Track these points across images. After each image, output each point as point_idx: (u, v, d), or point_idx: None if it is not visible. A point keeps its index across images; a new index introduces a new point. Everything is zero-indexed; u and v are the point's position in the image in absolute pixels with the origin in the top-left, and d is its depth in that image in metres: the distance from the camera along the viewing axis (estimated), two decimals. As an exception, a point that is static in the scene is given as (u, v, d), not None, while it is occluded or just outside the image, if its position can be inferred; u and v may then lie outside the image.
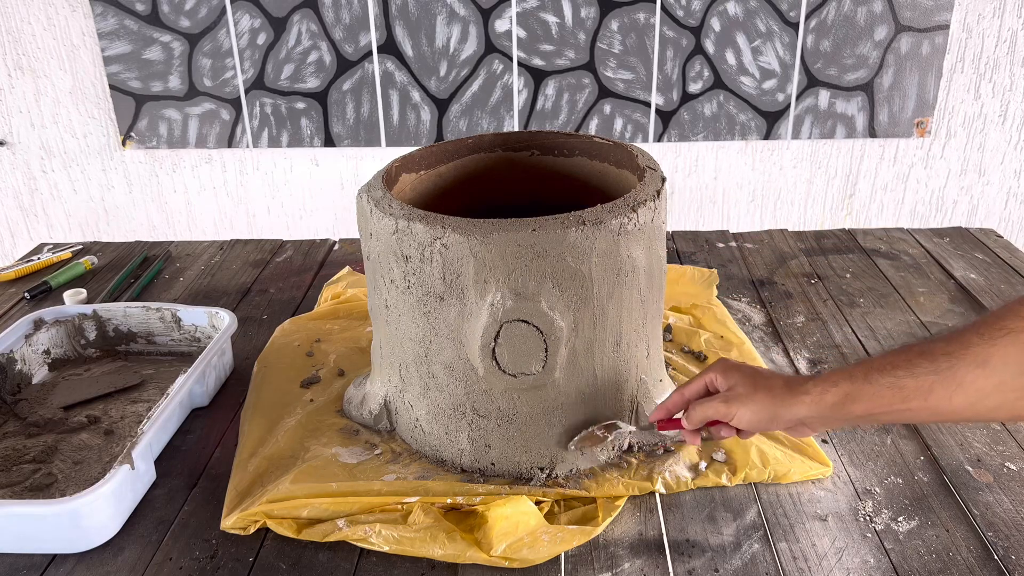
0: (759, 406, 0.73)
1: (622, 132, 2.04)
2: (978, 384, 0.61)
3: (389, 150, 2.06)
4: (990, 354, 0.60)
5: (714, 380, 0.78)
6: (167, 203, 2.16)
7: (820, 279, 1.34)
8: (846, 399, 0.68)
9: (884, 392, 0.65)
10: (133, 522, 0.84)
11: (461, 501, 0.84)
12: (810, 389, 0.70)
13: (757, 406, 0.73)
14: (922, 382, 0.63)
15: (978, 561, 0.77)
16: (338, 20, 1.93)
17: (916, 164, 2.09)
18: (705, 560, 0.78)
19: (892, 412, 0.66)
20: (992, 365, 0.60)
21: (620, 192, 0.96)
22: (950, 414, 0.64)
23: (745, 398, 0.74)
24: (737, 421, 0.75)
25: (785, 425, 0.74)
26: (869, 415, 0.67)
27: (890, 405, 0.65)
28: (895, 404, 0.65)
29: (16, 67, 2.00)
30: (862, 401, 0.67)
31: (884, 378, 0.65)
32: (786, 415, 0.72)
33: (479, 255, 0.78)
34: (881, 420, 0.69)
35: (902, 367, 0.65)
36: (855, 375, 0.68)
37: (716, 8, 1.91)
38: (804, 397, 0.70)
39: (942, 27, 1.92)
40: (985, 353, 0.60)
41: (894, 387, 0.65)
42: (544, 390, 0.84)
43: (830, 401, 0.69)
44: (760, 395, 0.73)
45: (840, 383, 0.68)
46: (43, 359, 1.10)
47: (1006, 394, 0.60)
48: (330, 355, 1.12)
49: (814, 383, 0.70)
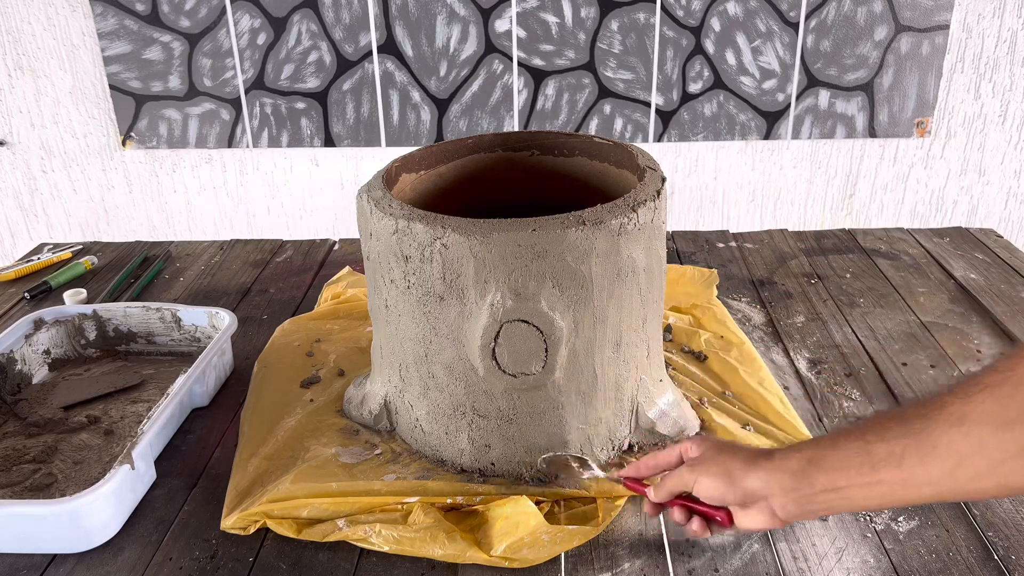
0: (718, 469, 0.68)
1: (622, 132, 2.04)
2: (956, 446, 0.54)
3: (389, 150, 2.06)
4: (966, 412, 0.54)
5: (688, 449, 0.74)
6: (167, 203, 2.16)
7: (820, 279, 1.34)
8: (809, 465, 0.61)
9: (852, 458, 0.59)
10: (133, 522, 0.84)
11: (461, 501, 0.84)
12: (773, 456, 0.65)
13: (716, 469, 0.68)
14: (893, 446, 0.57)
15: (978, 561, 0.77)
16: (338, 20, 1.93)
17: (916, 164, 2.09)
18: (705, 560, 0.78)
19: (863, 485, 0.59)
20: (969, 423, 0.54)
21: (620, 192, 0.96)
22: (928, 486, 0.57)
23: (709, 463, 0.69)
24: (697, 488, 0.70)
25: (742, 495, 0.66)
26: (835, 488, 0.60)
27: (859, 475, 0.59)
28: (863, 475, 0.58)
29: (16, 67, 2.00)
30: (826, 469, 0.61)
31: (852, 443, 0.60)
32: (743, 483, 0.65)
33: (479, 255, 0.78)
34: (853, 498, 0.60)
35: (872, 431, 0.59)
36: (821, 441, 0.63)
37: (716, 8, 1.91)
38: (764, 462, 0.65)
39: (942, 27, 1.92)
40: (960, 411, 0.54)
41: (862, 452, 0.59)
42: (544, 390, 0.84)
43: (791, 467, 0.62)
44: (723, 458, 0.68)
45: (805, 448, 0.63)
46: (43, 359, 1.10)
47: (988, 456, 0.53)
48: (330, 355, 1.12)
49: (779, 450, 0.65)
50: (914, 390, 1.02)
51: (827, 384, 1.05)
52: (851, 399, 1.02)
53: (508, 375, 0.82)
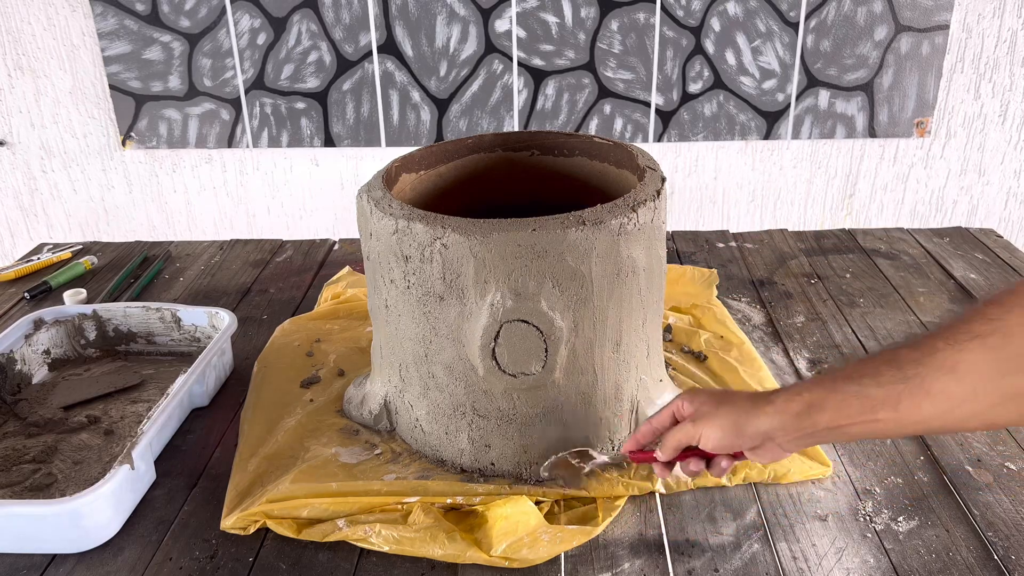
0: (724, 420, 0.70)
1: (622, 132, 2.04)
2: (948, 391, 0.58)
3: (389, 150, 2.06)
4: (958, 360, 0.57)
5: (681, 407, 0.76)
6: (167, 203, 2.16)
7: (820, 279, 1.34)
8: (810, 408, 0.65)
9: (851, 400, 0.62)
10: (133, 522, 0.84)
11: (461, 501, 0.84)
12: (774, 399, 0.68)
13: (721, 420, 0.71)
14: (890, 391, 0.60)
15: (978, 561, 0.77)
16: (338, 20, 1.93)
17: (916, 164, 2.09)
18: (705, 560, 0.78)
19: (861, 423, 0.63)
20: (961, 371, 0.57)
21: (620, 192, 0.96)
22: (922, 425, 0.61)
23: (710, 415, 0.71)
24: (704, 441, 0.72)
25: (751, 441, 0.70)
26: (836, 426, 0.64)
27: (858, 415, 0.62)
28: (863, 415, 0.62)
29: (16, 67, 2.00)
30: (827, 410, 0.64)
31: (850, 386, 0.63)
32: (749, 428, 0.69)
33: (479, 255, 0.78)
34: (850, 434, 0.65)
35: (868, 375, 0.62)
36: (821, 384, 0.65)
37: (716, 8, 1.91)
38: (767, 407, 0.68)
39: (942, 27, 1.92)
40: (953, 359, 0.57)
41: (860, 396, 0.62)
42: (544, 390, 0.84)
43: (794, 410, 0.66)
44: (724, 410, 0.71)
45: (804, 392, 0.66)
46: (43, 359, 1.10)
47: (979, 401, 0.57)
48: (330, 355, 1.12)
49: (778, 394, 0.68)
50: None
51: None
52: (851, 399, 1.02)
53: (508, 375, 0.82)
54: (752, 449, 0.71)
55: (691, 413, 0.74)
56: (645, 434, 0.79)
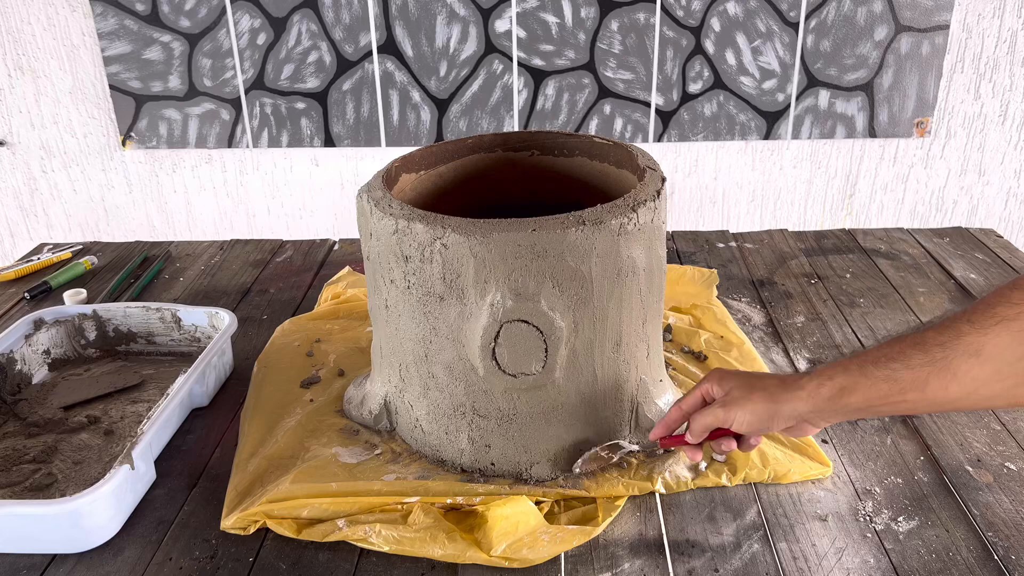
0: (756, 406, 0.73)
1: (622, 132, 2.04)
2: (973, 373, 0.61)
3: (389, 150, 2.06)
4: (983, 343, 0.60)
5: (710, 390, 0.78)
6: (167, 203, 2.16)
7: (820, 279, 1.34)
8: (842, 392, 0.68)
9: (880, 385, 0.65)
10: (133, 522, 0.84)
11: (461, 501, 0.84)
12: (805, 384, 0.70)
13: (755, 406, 0.73)
14: (918, 374, 0.63)
15: (978, 561, 0.77)
16: (338, 20, 1.93)
17: (916, 164, 2.09)
18: (705, 560, 0.78)
19: (889, 404, 0.66)
20: (986, 354, 0.60)
21: (620, 192, 0.96)
22: (948, 404, 0.64)
23: (742, 400, 0.74)
24: (737, 425, 0.74)
25: (784, 423, 0.73)
26: (868, 407, 0.67)
27: (887, 397, 0.65)
28: (892, 396, 0.65)
29: (16, 67, 2.00)
30: (858, 393, 0.67)
31: (879, 371, 0.65)
32: (784, 412, 0.71)
33: (479, 255, 0.78)
34: (879, 412, 0.69)
35: (897, 359, 0.65)
36: (850, 368, 0.68)
37: (716, 8, 1.91)
38: (800, 392, 0.70)
39: (942, 27, 1.92)
40: (978, 343, 0.60)
41: (890, 380, 0.65)
42: (544, 390, 0.84)
43: (826, 395, 0.69)
44: (756, 395, 0.73)
45: (835, 376, 0.68)
46: (43, 359, 1.10)
47: (1003, 382, 0.60)
48: (330, 355, 1.12)
49: (809, 378, 0.70)
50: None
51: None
52: (851, 399, 1.02)
53: (508, 375, 0.82)
54: (784, 429, 0.75)
55: (721, 396, 0.76)
56: (674, 418, 0.81)
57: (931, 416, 0.98)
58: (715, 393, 0.77)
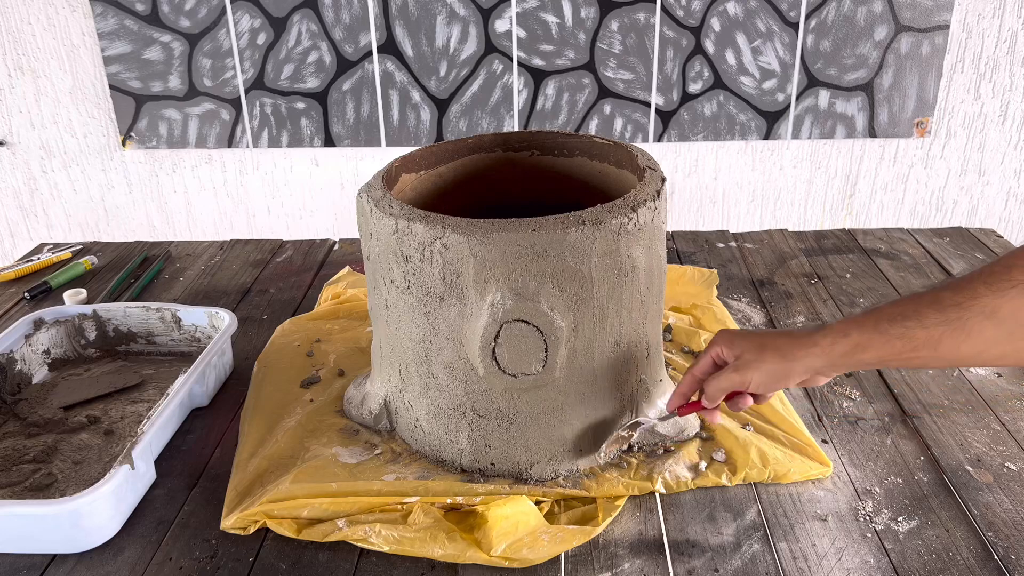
0: (771, 366, 0.74)
1: (622, 132, 2.04)
2: (987, 334, 0.62)
3: (389, 150, 2.06)
4: (998, 305, 0.61)
5: (720, 353, 0.78)
6: (167, 203, 2.16)
7: (820, 279, 1.34)
8: (856, 348, 0.69)
9: (894, 342, 0.66)
10: (133, 522, 0.84)
11: (461, 501, 0.84)
12: (819, 340, 0.71)
13: (769, 366, 0.74)
14: (932, 332, 0.64)
15: (978, 561, 0.77)
16: (338, 20, 1.93)
17: (916, 164, 2.09)
18: (705, 560, 0.78)
19: (901, 360, 0.67)
20: (1000, 316, 0.61)
21: (620, 192, 0.96)
22: (958, 361, 0.66)
23: (756, 362, 0.74)
24: (753, 387, 0.75)
25: (798, 379, 0.74)
26: (880, 362, 0.69)
27: (899, 354, 0.67)
28: (904, 353, 0.66)
29: (16, 67, 2.00)
30: (872, 350, 0.68)
31: (894, 328, 0.66)
32: (798, 369, 0.73)
33: (479, 255, 0.78)
34: (890, 365, 0.71)
35: (912, 317, 0.66)
36: (864, 325, 0.69)
37: (716, 8, 1.91)
38: (814, 349, 0.71)
39: (942, 27, 1.92)
40: (993, 304, 0.62)
41: (904, 337, 0.66)
42: (544, 390, 0.84)
43: (840, 351, 0.70)
44: (769, 355, 0.74)
45: (851, 333, 0.69)
46: (43, 359, 1.10)
47: (1015, 343, 0.62)
48: (330, 355, 1.12)
49: (823, 334, 0.71)
50: (914, 390, 1.02)
51: (827, 384, 1.05)
52: (851, 399, 1.02)
53: (508, 375, 0.82)
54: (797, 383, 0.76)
55: (733, 359, 0.77)
56: (689, 385, 0.82)
57: (931, 416, 0.98)
58: (726, 356, 0.78)
